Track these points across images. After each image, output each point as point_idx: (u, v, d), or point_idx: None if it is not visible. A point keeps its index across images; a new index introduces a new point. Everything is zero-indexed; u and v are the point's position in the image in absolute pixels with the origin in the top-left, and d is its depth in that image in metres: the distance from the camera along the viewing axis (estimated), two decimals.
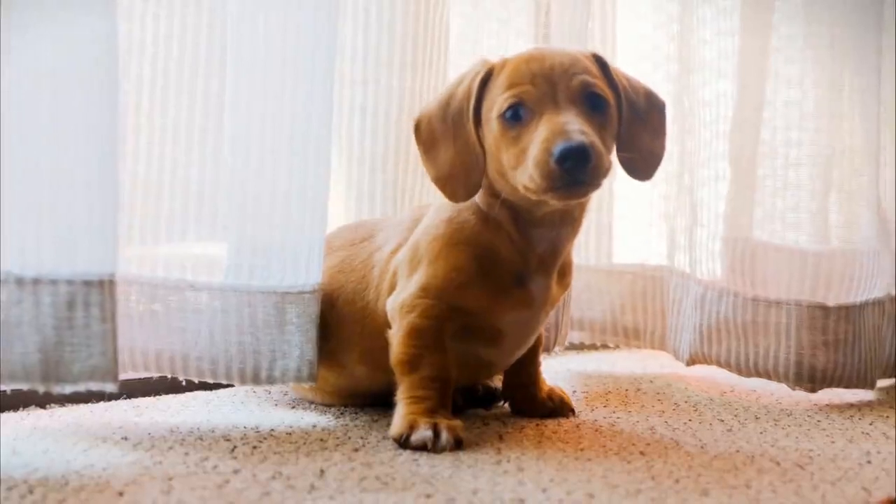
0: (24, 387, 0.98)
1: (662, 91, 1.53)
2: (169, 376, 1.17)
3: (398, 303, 1.11)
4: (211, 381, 1.17)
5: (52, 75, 0.97)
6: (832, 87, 1.43)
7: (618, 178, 1.59)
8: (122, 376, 1.25)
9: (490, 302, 1.11)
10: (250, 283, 1.15)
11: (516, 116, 1.05)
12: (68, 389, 0.98)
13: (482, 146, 1.09)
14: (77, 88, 0.98)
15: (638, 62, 1.60)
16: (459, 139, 1.10)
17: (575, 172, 0.99)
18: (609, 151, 1.06)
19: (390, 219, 1.27)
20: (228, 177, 1.15)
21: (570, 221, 1.12)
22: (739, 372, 1.43)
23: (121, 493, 0.87)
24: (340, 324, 1.18)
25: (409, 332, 1.10)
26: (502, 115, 1.05)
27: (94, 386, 0.99)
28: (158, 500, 0.86)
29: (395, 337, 1.11)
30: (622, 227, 1.64)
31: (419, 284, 1.11)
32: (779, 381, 1.40)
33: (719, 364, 1.44)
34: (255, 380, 1.15)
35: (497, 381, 1.30)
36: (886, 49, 1.51)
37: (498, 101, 1.06)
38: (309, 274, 1.16)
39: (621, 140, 1.10)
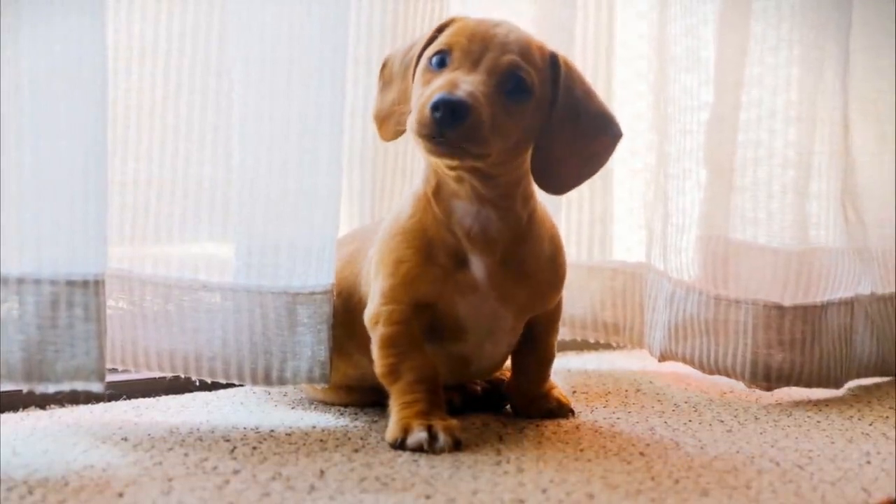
0: (8, 386, 0.99)
1: (650, 90, 1.56)
2: (175, 376, 1.17)
3: (368, 316, 1.12)
4: (224, 381, 1.17)
5: (34, 73, 0.97)
6: (803, 88, 1.44)
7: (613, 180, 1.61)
8: (125, 376, 1.26)
9: (439, 287, 1.10)
10: (261, 283, 1.15)
11: (441, 63, 1.06)
12: (52, 389, 0.98)
13: None
14: (61, 87, 0.98)
15: (634, 60, 1.60)
16: (404, 81, 1.11)
17: (443, 125, 0.99)
18: (506, 138, 1.04)
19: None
20: (239, 175, 1.15)
21: (490, 201, 1.09)
22: (702, 369, 1.44)
23: (121, 494, 0.87)
24: (344, 313, 1.18)
25: (381, 342, 1.10)
26: (429, 58, 1.07)
27: (79, 386, 0.99)
28: (158, 501, 0.86)
29: (373, 350, 1.12)
30: (606, 225, 1.64)
31: (379, 291, 1.11)
32: (736, 379, 1.42)
33: (685, 361, 1.46)
34: (267, 380, 1.16)
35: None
36: (861, 51, 1.52)
37: (433, 46, 1.08)
38: (320, 274, 1.16)
39: (540, 141, 1.09)
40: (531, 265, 1.14)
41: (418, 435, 1.04)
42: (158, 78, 1.16)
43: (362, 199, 1.40)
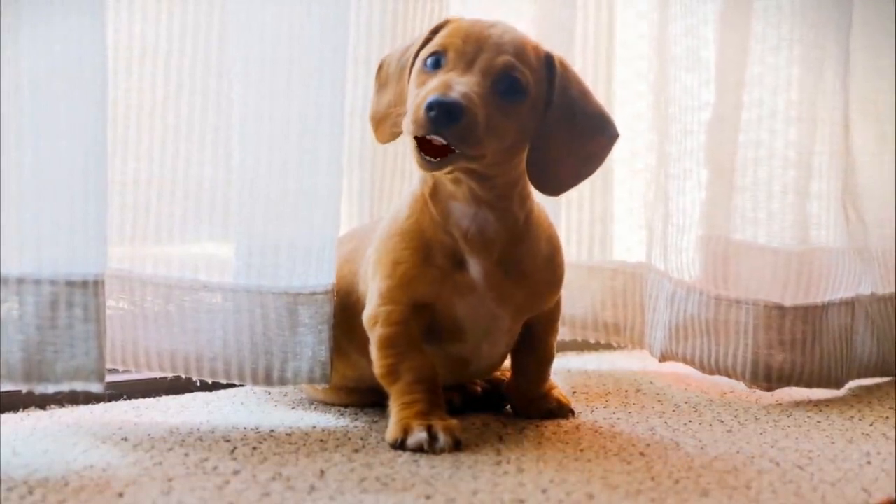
0: (8, 386, 0.99)
1: (650, 91, 1.56)
2: (175, 376, 1.18)
3: (366, 317, 1.12)
4: (224, 381, 1.17)
5: (34, 73, 0.97)
6: (803, 88, 1.44)
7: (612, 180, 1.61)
8: (125, 376, 1.26)
9: (437, 288, 1.10)
10: (261, 283, 1.15)
11: (436, 64, 1.06)
12: (51, 389, 0.98)
13: None
14: (61, 87, 0.98)
15: (634, 60, 1.60)
16: (400, 83, 1.11)
17: (438, 125, 0.99)
18: (502, 138, 1.04)
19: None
20: (239, 175, 1.15)
21: (487, 202, 1.09)
22: (703, 369, 1.44)
23: (121, 494, 0.87)
24: (341, 312, 1.18)
25: (380, 344, 1.11)
26: (424, 59, 1.07)
27: (79, 386, 0.99)
28: (158, 501, 0.86)
29: (372, 351, 1.12)
30: (607, 225, 1.64)
31: (377, 292, 1.11)
32: (737, 379, 1.42)
33: (685, 361, 1.46)
34: (268, 381, 1.16)
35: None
36: (861, 50, 1.53)
37: (428, 47, 1.08)
38: (320, 274, 1.16)
39: (536, 141, 1.08)
40: (528, 266, 1.14)
41: (418, 435, 1.04)
42: (158, 78, 1.16)
43: (362, 200, 1.41)
